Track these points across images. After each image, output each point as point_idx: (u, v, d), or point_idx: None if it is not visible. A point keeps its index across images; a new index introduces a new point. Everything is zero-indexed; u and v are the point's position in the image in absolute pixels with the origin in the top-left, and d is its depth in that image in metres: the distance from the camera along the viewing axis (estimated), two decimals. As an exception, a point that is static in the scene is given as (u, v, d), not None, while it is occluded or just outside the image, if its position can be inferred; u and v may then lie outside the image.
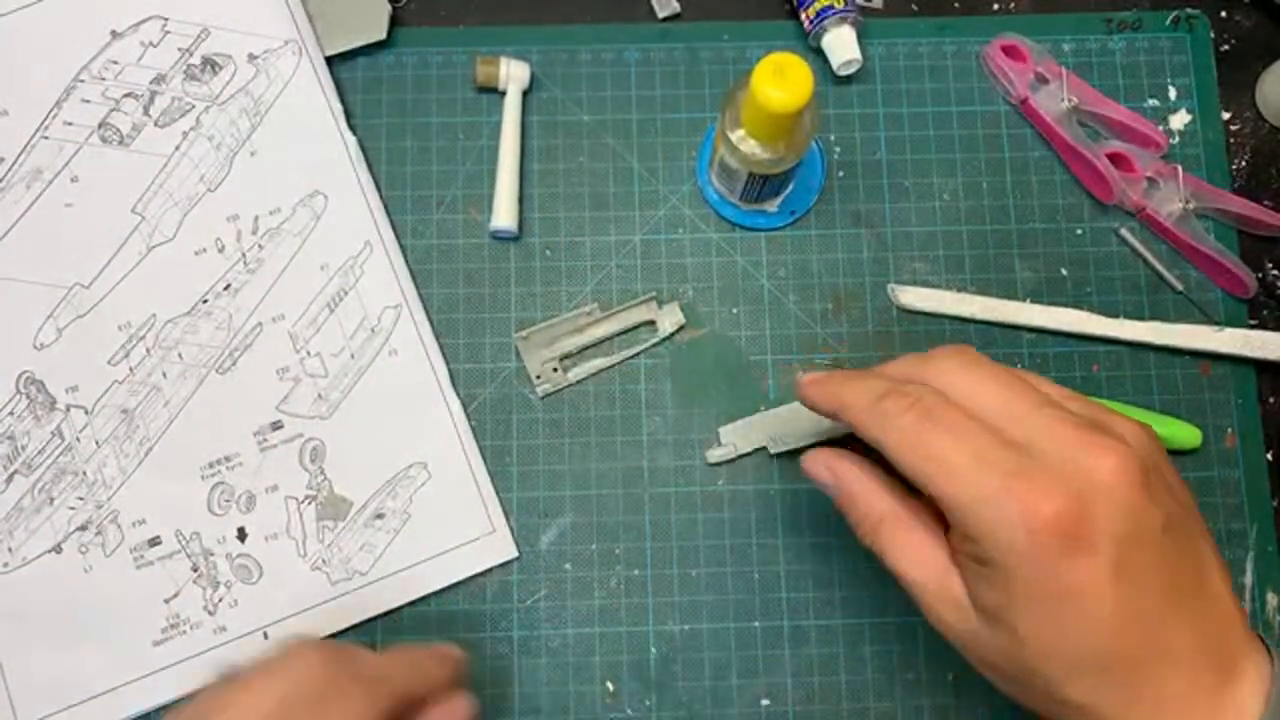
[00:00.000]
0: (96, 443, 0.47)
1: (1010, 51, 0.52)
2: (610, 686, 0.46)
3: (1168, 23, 0.53)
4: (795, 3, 0.51)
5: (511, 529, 0.47)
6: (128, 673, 0.45)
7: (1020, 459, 0.31)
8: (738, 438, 0.48)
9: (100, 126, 0.50)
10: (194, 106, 0.50)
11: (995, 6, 0.54)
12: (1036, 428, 0.32)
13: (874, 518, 0.36)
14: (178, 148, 0.50)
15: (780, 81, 0.40)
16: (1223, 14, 0.54)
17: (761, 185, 0.46)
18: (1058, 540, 0.30)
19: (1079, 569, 0.30)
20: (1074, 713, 0.32)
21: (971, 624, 0.33)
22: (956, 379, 0.34)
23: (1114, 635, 0.31)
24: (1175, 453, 0.49)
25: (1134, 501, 0.30)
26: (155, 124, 0.50)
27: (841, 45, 0.50)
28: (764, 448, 0.48)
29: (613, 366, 0.49)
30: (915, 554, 0.35)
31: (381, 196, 0.50)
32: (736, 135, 0.44)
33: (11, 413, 0.47)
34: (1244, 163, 0.52)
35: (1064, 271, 0.50)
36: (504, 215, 0.49)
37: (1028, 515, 0.30)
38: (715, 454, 0.48)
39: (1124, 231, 0.51)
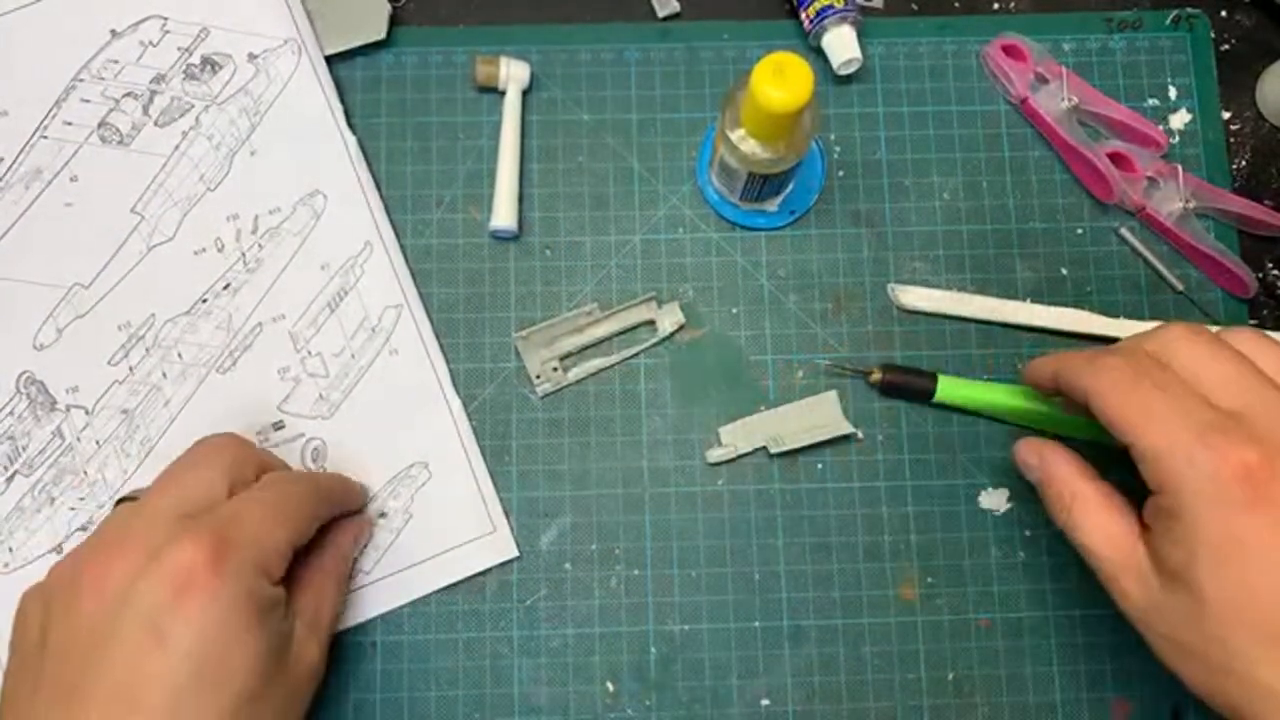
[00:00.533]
0: (97, 443, 0.47)
1: (1010, 51, 0.52)
2: (610, 686, 0.46)
3: (1168, 22, 0.53)
4: (795, 2, 0.51)
5: (512, 528, 0.47)
6: (128, 673, 0.45)
7: (1221, 418, 0.32)
8: (738, 438, 0.48)
9: (100, 126, 0.50)
10: (193, 106, 0.50)
11: (995, 6, 0.54)
12: (1249, 398, 0.33)
13: (1068, 495, 0.38)
14: (177, 147, 0.50)
15: (780, 81, 0.40)
16: (1223, 13, 0.54)
17: (761, 185, 0.46)
18: (1245, 490, 0.31)
19: (1264, 524, 0.31)
20: (1261, 696, 0.31)
21: (1154, 593, 0.34)
22: (1180, 349, 0.35)
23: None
24: None
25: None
26: (155, 123, 0.50)
27: (841, 45, 0.50)
28: (764, 447, 0.48)
29: (613, 366, 0.49)
30: (1104, 529, 0.36)
31: (381, 196, 0.50)
32: (736, 135, 0.44)
33: (12, 413, 0.47)
34: (1244, 162, 0.52)
35: (1064, 271, 0.50)
36: (504, 215, 0.49)
37: (1217, 463, 0.31)
38: (715, 454, 0.48)
39: (1124, 231, 0.51)
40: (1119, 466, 0.37)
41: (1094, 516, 0.37)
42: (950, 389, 0.48)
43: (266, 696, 0.35)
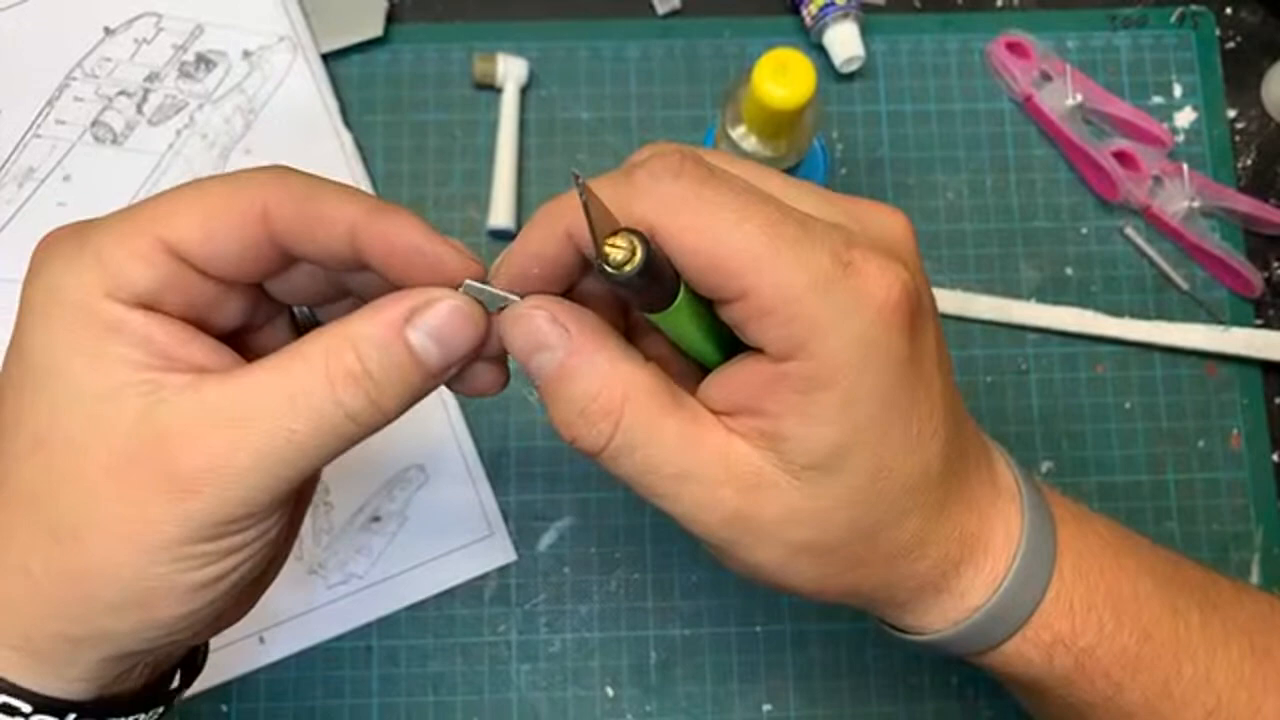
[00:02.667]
0: (89, 445, 0.47)
1: (1014, 48, 0.51)
2: (610, 691, 0.46)
3: (1173, 19, 0.53)
4: (797, -1, 0.51)
5: (510, 532, 0.47)
6: (121, 678, 0.45)
7: (844, 232, 0.24)
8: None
9: (93, 125, 0.49)
10: (188, 104, 0.49)
11: (999, 3, 0.53)
12: (821, 202, 0.25)
13: (618, 390, 0.25)
14: (171, 146, 0.49)
15: (782, 78, 0.39)
16: (1228, 11, 0.53)
17: (763, 184, 0.46)
18: (908, 321, 0.24)
19: (924, 358, 0.25)
20: (892, 564, 0.26)
21: (785, 496, 0.25)
22: (685, 202, 0.23)
23: (938, 441, 0.26)
24: None
25: (911, 325, 0.24)
26: (149, 122, 0.49)
27: (844, 42, 0.50)
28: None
29: (612, 367, 0.49)
30: (688, 431, 0.25)
31: (378, 194, 0.49)
32: (738, 133, 0.43)
33: (3, 414, 0.47)
34: (1249, 161, 0.52)
35: (1069, 271, 0.50)
36: (502, 214, 0.49)
37: (875, 296, 0.23)
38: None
39: (1129, 230, 0.50)
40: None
41: (670, 414, 0.25)
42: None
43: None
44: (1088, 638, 0.29)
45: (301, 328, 0.29)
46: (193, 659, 0.30)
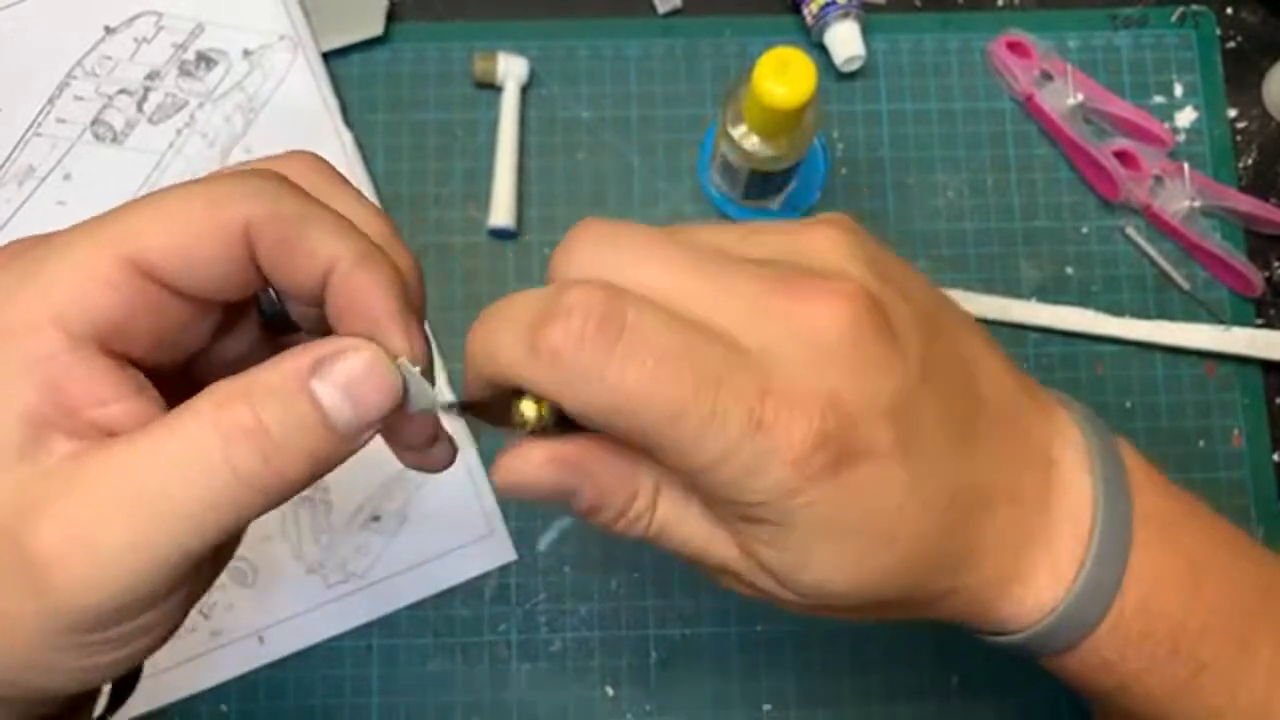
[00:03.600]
0: (89, 444, 0.46)
1: (1015, 48, 0.51)
2: (610, 691, 0.46)
3: (1173, 19, 0.53)
4: (797, -2, 0.51)
5: (510, 531, 0.47)
6: (121, 677, 0.45)
7: (755, 382, 0.22)
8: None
9: (94, 123, 0.49)
10: (188, 103, 0.49)
11: (1000, 2, 0.53)
12: (729, 300, 0.23)
13: (645, 498, 0.25)
14: (172, 145, 0.49)
15: (782, 77, 0.39)
16: (1228, 11, 0.53)
17: (763, 182, 0.46)
18: (831, 455, 0.23)
19: (866, 476, 0.23)
20: (946, 601, 0.27)
21: (773, 587, 0.26)
22: (627, 274, 0.23)
23: (932, 516, 0.25)
24: None
25: (879, 361, 0.23)
26: (149, 121, 0.49)
27: (844, 41, 0.50)
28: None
29: (613, 366, 0.49)
30: (710, 526, 0.26)
31: (378, 193, 0.49)
32: (738, 132, 0.43)
33: (3, 413, 0.47)
34: (1250, 160, 0.52)
35: (1069, 270, 0.50)
36: (502, 213, 0.49)
37: (788, 452, 0.22)
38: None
39: (1130, 230, 0.50)
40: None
41: (694, 512, 0.26)
42: None
43: None
44: (1138, 663, 0.27)
45: (269, 316, 0.26)
46: (126, 679, 0.27)
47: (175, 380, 0.24)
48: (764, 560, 0.25)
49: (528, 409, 0.23)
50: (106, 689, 0.27)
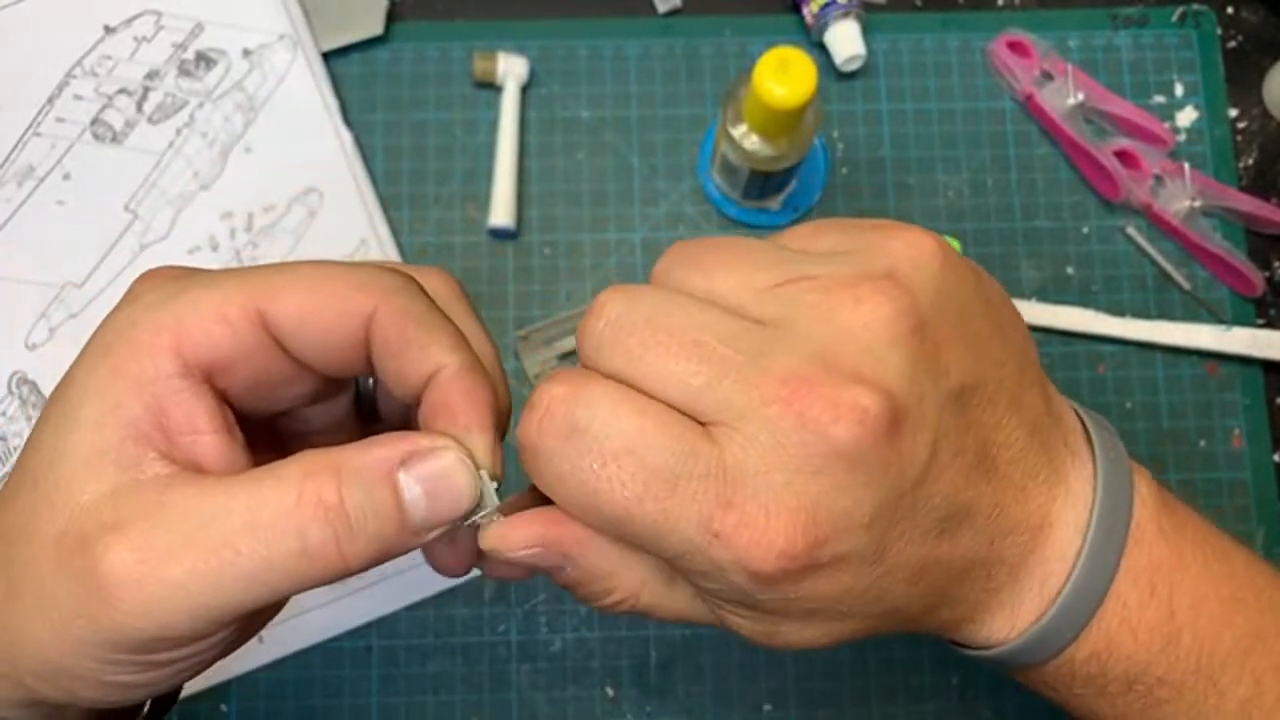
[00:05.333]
0: (89, 444, 0.46)
1: (1016, 47, 0.51)
2: (610, 692, 0.46)
3: (1174, 19, 0.52)
4: (798, -2, 0.51)
5: (510, 531, 0.47)
6: (121, 677, 0.45)
7: (719, 481, 0.22)
8: None
9: (93, 123, 0.49)
10: (188, 102, 0.49)
11: (1000, 2, 0.53)
12: (726, 394, 0.22)
13: (626, 586, 0.26)
14: (171, 144, 0.49)
15: (783, 77, 0.39)
16: (1229, 10, 0.53)
17: (764, 182, 0.46)
18: (794, 569, 0.22)
19: (831, 578, 0.23)
20: (904, 624, 0.27)
21: (757, 625, 0.26)
22: (622, 356, 0.24)
23: (898, 591, 0.25)
24: None
25: (876, 468, 0.22)
26: (148, 120, 0.49)
27: (845, 41, 0.50)
28: None
29: (613, 366, 0.49)
30: (668, 599, 0.27)
31: (378, 193, 0.49)
32: (738, 131, 0.43)
33: (3, 413, 0.47)
34: (1251, 160, 0.52)
35: (1070, 270, 0.50)
36: (502, 213, 0.49)
37: (745, 562, 0.22)
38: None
39: (1130, 230, 0.50)
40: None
41: (650, 588, 0.26)
42: None
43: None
44: (1086, 692, 0.27)
45: (362, 398, 0.28)
46: (166, 696, 0.28)
47: (260, 428, 0.25)
48: (738, 628, 0.26)
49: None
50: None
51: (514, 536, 0.25)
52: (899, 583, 0.25)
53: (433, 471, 0.22)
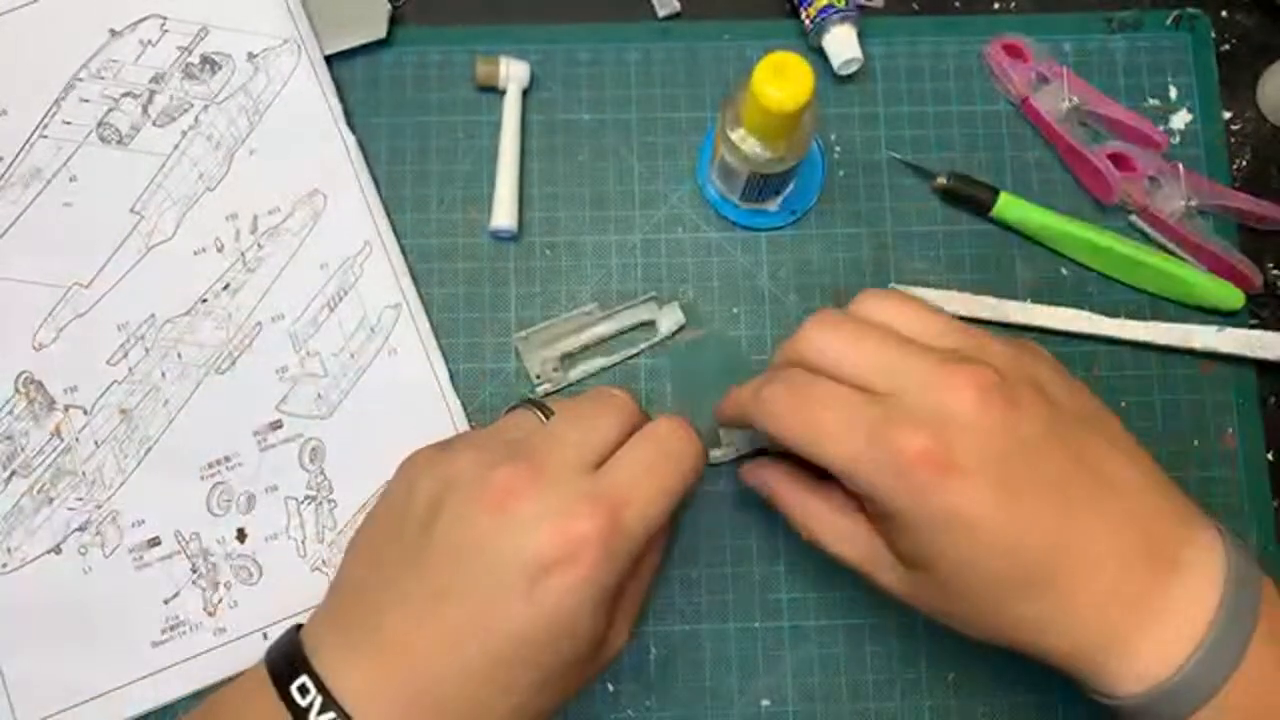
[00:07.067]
0: (95, 443, 0.47)
1: (1011, 51, 0.52)
2: (610, 687, 0.46)
3: (1168, 22, 0.53)
4: (795, 2, 0.51)
5: (511, 529, 0.47)
6: (127, 674, 0.45)
7: (884, 409, 0.33)
8: (738, 438, 0.48)
9: (99, 125, 0.50)
10: (193, 105, 0.50)
11: (996, 5, 0.54)
12: (901, 374, 0.34)
13: (801, 512, 0.39)
14: (176, 147, 0.49)
15: (780, 81, 0.40)
16: (1223, 13, 0.54)
17: (762, 185, 0.46)
18: (929, 474, 0.32)
19: (960, 497, 0.32)
20: (1020, 628, 0.33)
21: (906, 579, 0.35)
22: (826, 346, 0.36)
23: (1018, 551, 0.32)
24: (1217, 311, 0.49)
25: (998, 419, 0.32)
26: (154, 123, 0.50)
27: (842, 44, 0.50)
28: (765, 449, 0.48)
29: (613, 366, 0.49)
30: (844, 534, 0.37)
31: (381, 196, 0.50)
32: (737, 134, 0.44)
33: (10, 413, 0.47)
34: (1244, 163, 0.52)
35: (1064, 271, 0.50)
36: (504, 215, 0.49)
37: (894, 459, 0.32)
38: (716, 454, 0.48)
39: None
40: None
41: (830, 527, 0.38)
42: (1009, 206, 0.49)
43: (579, 668, 0.35)
44: None
45: None
46: None
47: None
48: (895, 548, 0.35)
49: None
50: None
51: (753, 469, 0.42)
52: (1014, 523, 0.32)
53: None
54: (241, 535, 0.47)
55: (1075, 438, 0.34)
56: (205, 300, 0.48)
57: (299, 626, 0.37)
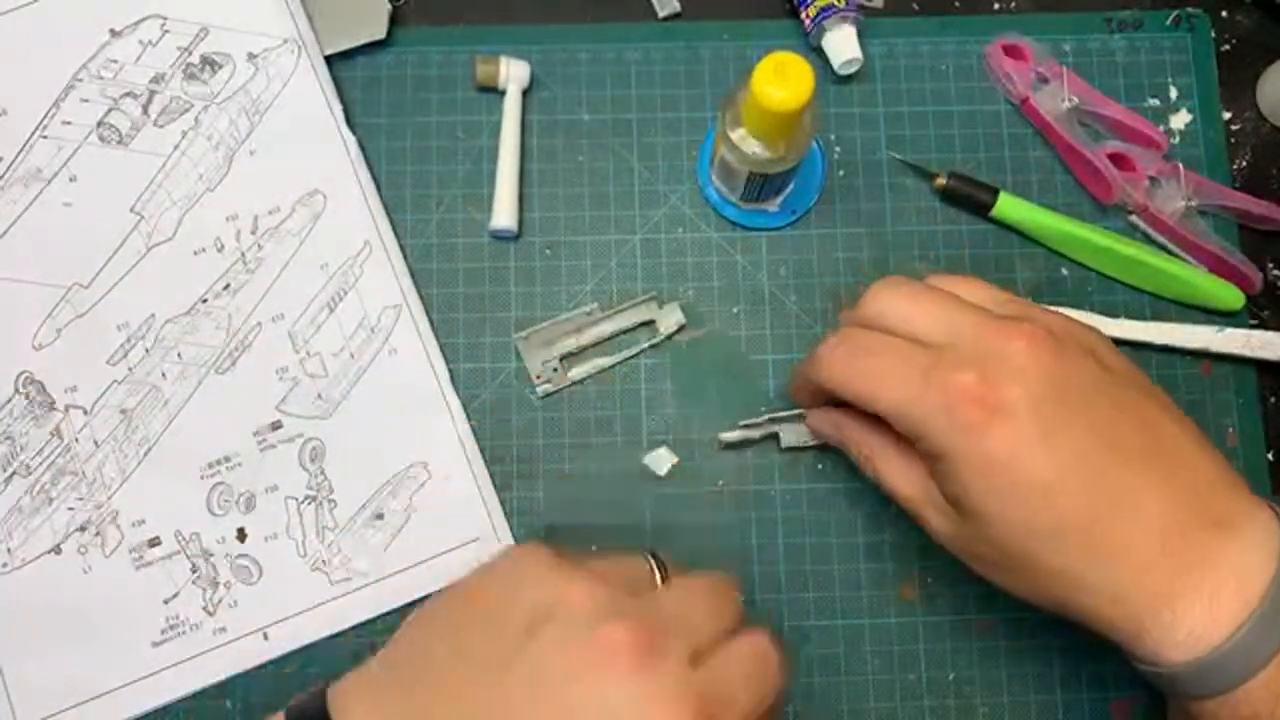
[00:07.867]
0: (95, 443, 0.47)
1: (1011, 51, 0.52)
2: (610, 687, 0.46)
3: (1168, 22, 0.53)
4: (796, 2, 0.51)
5: (511, 529, 0.47)
6: (127, 674, 0.45)
7: (938, 355, 0.35)
8: (785, 431, 0.48)
9: (99, 126, 0.50)
10: (193, 106, 0.50)
11: (996, 6, 0.54)
12: (957, 328, 0.35)
13: (866, 450, 0.40)
14: (176, 147, 0.49)
15: (781, 81, 0.40)
16: (1223, 13, 0.54)
17: (762, 184, 0.46)
18: (976, 412, 0.33)
19: (1005, 435, 0.33)
20: (1060, 582, 0.33)
21: (953, 522, 0.36)
22: (887, 308, 0.37)
23: (1057, 495, 0.32)
24: (1217, 312, 0.49)
25: (1046, 366, 0.33)
26: (154, 123, 0.50)
27: (842, 44, 0.50)
28: (774, 435, 0.48)
29: (613, 366, 0.49)
30: (901, 474, 0.38)
31: (381, 196, 0.50)
32: (737, 134, 0.44)
33: (10, 413, 0.47)
34: (1244, 163, 0.52)
35: (1064, 271, 0.50)
36: (504, 215, 0.49)
37: (944, 396, 0.33)
38: (729, 435, 0.47)
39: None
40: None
41: (892, 464, 0.39)
42: (1009, 206, 0.49)
43: None
44: None
45: None
46: None
47: None
48: (945, 490, 0.36)
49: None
50: None
51: (816, 416, 0.44)
52: (1069, 474, 0.32)
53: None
54: (241, 535, 0.47)
55: (1126, 396, 0.34)
56: (205, 300, 0.48)
57: (326, 684, 0.34)
